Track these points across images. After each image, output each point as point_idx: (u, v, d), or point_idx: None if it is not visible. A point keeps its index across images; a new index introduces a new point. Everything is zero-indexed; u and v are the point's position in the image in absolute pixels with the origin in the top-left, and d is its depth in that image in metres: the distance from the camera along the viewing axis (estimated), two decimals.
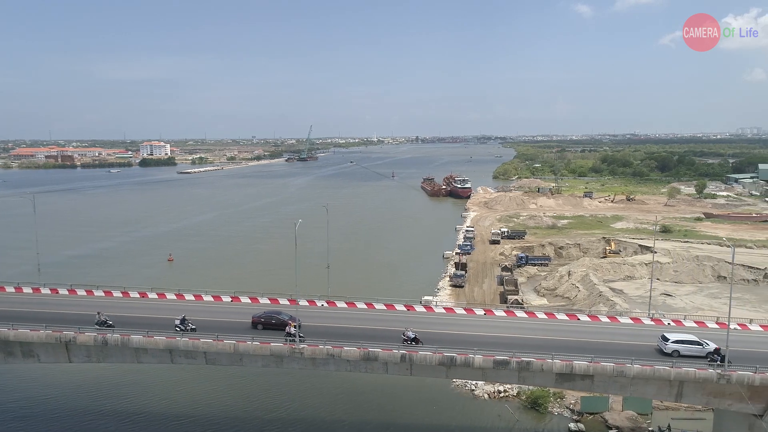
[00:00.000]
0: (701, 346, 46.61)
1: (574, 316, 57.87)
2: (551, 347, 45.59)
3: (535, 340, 48.72)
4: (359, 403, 61.96)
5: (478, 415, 60.41)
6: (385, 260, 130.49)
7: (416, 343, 45.26)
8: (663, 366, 42.42)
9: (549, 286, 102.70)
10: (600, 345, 47.49)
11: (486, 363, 42.93)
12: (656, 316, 60.52)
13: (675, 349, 46.63)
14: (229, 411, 59.66)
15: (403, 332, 46.00)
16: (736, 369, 41.89)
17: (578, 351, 45.11)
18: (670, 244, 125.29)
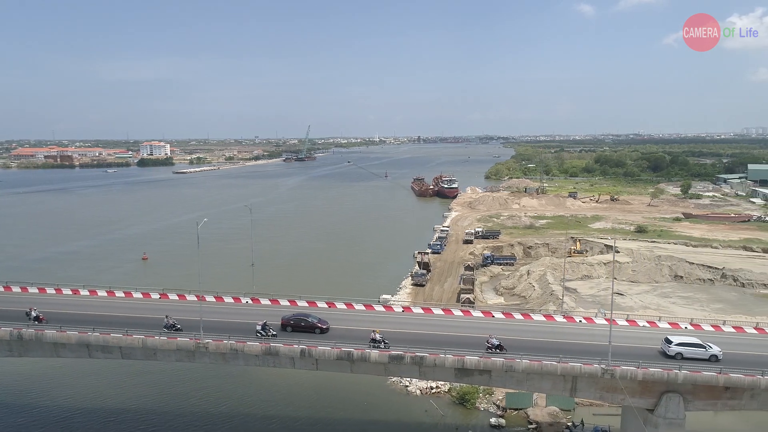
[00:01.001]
0: (704, 349, 46.62)
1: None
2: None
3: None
4: (295, 398, 63.31)
5: (407, 410, 61.72)
6: (356, 260, 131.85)
7: (501, 351, 45.40)
8: (550, 361, 43.57)
9: (508, 285, 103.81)
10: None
11: (382, 358, 44.27)
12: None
13: (678, 351, 46.45)
14: (156, 408, 61.28)
15: (487, 339, 46.30)
16: (620, 364, 43.04)
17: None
18: (636, 244, 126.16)
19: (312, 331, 50.13)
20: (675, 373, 42.33)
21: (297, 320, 51.21)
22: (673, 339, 47.72)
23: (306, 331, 49.97)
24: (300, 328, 50.27)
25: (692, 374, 42.25)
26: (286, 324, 51.17)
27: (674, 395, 43.61)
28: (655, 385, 43.92)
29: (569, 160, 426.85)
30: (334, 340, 45.95)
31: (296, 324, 50.87)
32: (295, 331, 50.16)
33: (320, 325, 50.66)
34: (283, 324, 51.16)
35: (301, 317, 51.64)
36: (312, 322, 50.91)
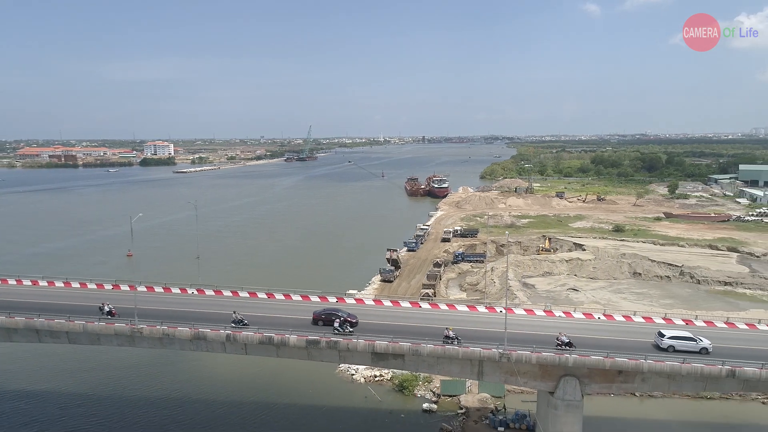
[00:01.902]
0: (695, 342, 48.36)
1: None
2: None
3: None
4: (247, 384, 67.12)
5: (349, 397, 65.34)
6: (334, 257, 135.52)
7: (570, 347, 47.13)
8: (452, 346, 47.05)
9: (473, 281, 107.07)
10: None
11: (300, 342, 47.91)
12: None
13: (670, 344, 48.32)
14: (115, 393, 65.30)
15: (557, 336, 48.36)
16: (516, 349, 46.47)
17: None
18: (603, 243, 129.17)
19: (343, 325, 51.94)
20: (566, 357, 45.69)
21: (327, 315, 52.96)
22: (666, 333, 49.70)
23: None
24: (330, 323, 51.74)
25: (581, 358, 45.57)
26: (317, 318, 53.03)
27: (571, 378, 46.94)
28: (553, 369, 47.25)
29: (566, 161, 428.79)
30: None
31: (327, 318, 52.55)
32: (326, 324, 51.76)
33: (350, 320, 52.20)
34: (315, 318, 53.04)
35: (332, 312, 53.51)
36: (342, 316, 52.40)
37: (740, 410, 61.60)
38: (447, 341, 48.07)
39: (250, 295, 59.38)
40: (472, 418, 59.30)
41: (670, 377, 46.15)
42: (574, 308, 61.71)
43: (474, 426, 57.79)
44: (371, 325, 52.68)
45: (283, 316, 54.40)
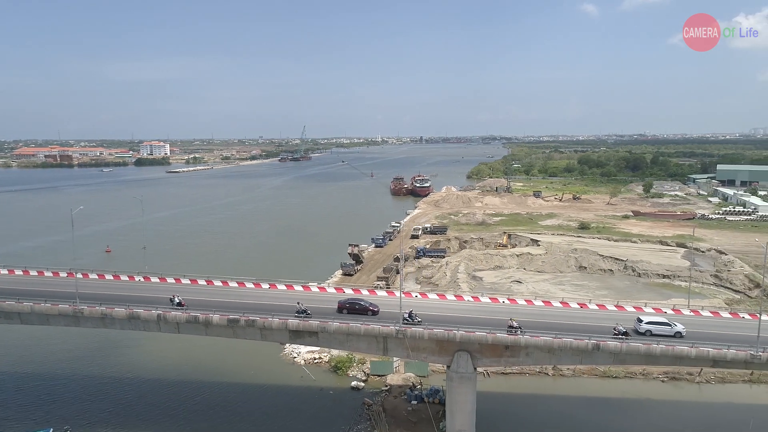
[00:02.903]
0: (670, 326, 52.46)
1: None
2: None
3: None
4: (190, 365, 72.75)
5: (287, 377, 70.96)
6: (303, 252, 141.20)
7: (626, 336, 50.39)
8: (356, 323, 52.78)
9: (428, 274, 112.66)
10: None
11: (222, 321, 53.62)
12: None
13: (648, 329, 52.38)
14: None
15: (614, 327, 51.72)
16: (411, 326, 52.18)
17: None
18: (559, 239, 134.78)
19: (365, 313, 56.40)
20: (454, 333, 51.37)
21: (351, 304, 57.62)
22: (643, 318, 54.06)
23: (360, 313, 56.27)
24: (355, 311, 56.45)
25: (467, 334, 51.21)
26: (342, 307, 57.22)
27: (464, 353, 52.58)
28: (448, 344, 52.89)
29: (556, 161, 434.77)
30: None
31: (351, 307, 57.10)
32: (350, 313, 56.25)
33: (372, 308, 56.79)
34: (340, 307, 57.18)
35: (355, 301, 58.35)
36: (364, 305, 57.16)
37: (643, 388, 67.21)
38: (511, 331, 51.63)
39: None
40: (393, 394, 65.02)
41: (550, 351, 51.78)
42: (506, 296, 67.25)
43: (393, 401, 63.48)
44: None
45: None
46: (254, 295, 62.61)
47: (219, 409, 61.76)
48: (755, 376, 67.50)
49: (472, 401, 53.48)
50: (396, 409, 61.19)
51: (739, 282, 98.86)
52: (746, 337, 50.23)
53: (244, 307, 55.81)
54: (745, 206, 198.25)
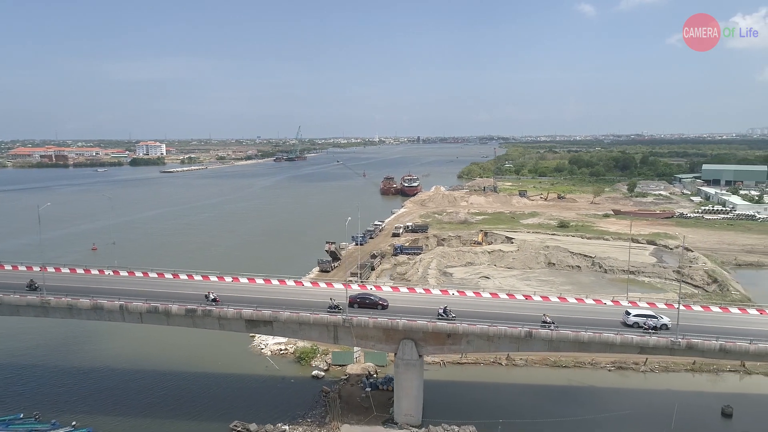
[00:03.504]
0: (656, 319, 55.11)
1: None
2: None
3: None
4: (162, 358, 75.75)
5: (253, 366, 74.03)
6: (284, 251, 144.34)
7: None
8: (306, 313, 55.95)
9: (402, 271, 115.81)
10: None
11: (180, 311, 56.74)
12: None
13: (635, 321, 54.94)
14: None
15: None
16: (357, 315, 55.36)
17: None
18: (533, 236, 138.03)
19: (375, 307, 58.62)
20: (396, 322, 54.55)
21: (362, 299, 59.79)
22: (632, 311, 56.61)
23: (370, 307, 58.43)
24: (365, 305, 58.75)
25: (409, 322, 54.39)
26: (353, 301, 59.13)
27: (409, 341, 55.74)
28: (394, 333, 56.04)
29: (548, 161, 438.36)
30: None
31: (362, 302, 59.27)
32: (361, 307, 58.50)
33: (381, 303, 59.25)
34: (351, 302, 58.88)
35: (366, 296, 60.56)
36: (375, 300, 59.58)
37: (591, 376, 70.40)
38: (544, 326, 53.34)
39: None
40: (350, 383, 68.07)
41: (489, 339, 55.00)
42: (464, 289, 70.43)
43: (350, 388, 66.59)
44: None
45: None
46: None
47: (184, 397, 64.82)
48: (697, 365, 70.72)
49: (417, 387, 56.62)
50: (351, 396, 64.31)
51: (699, 277, 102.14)
52: (691, 327, 54.19)
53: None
54: (724, 205, 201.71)
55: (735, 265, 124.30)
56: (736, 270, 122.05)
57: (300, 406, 62.83)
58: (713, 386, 67.55)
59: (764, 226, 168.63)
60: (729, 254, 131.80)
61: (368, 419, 58.64)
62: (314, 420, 59.11)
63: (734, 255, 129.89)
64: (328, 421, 58.13)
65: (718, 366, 70.65)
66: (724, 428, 57.47)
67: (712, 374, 70.13)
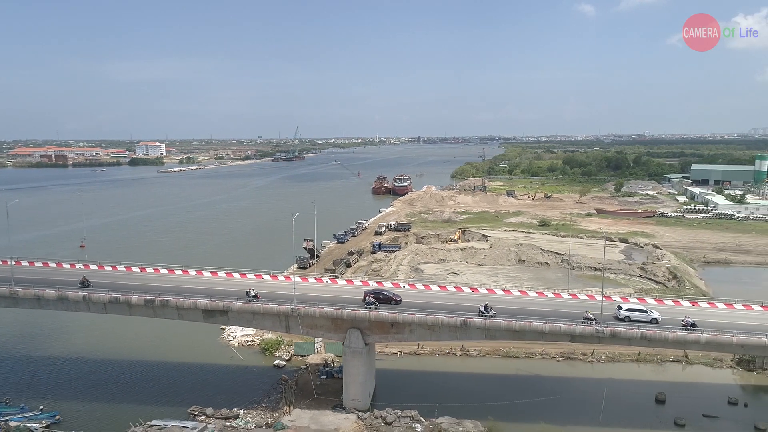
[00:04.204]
0: (647, 313, 57.52)
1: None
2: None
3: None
4: (133, 349, 79.15)
5: (219, 356, 77.34)
6: (269, 247, 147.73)
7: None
8: (256, 303, 59.27)
9: (377, 267, 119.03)
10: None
11: (140, 301, 60.12)
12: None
13: (627, 315, 57.35)
14: None
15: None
16: (304, 305, 58.68)
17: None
18: (509, 234, 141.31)
19: (389, 302, 61.01)
20: (341, 311, 57.87)
21: (376, 294, 62.19)
22: (623, 306, 59.27)
23: (384, 303, 60.73)
24: (380, 300, 60.95)
25: (353, 312, 57.72)
26: (366, 296, 61.60)
27: (355, 330, 59.04)
28: (341, 322, 59.35)
29: (541, 161, 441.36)
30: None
31: (376, 297, 61.45)
32: (376, 302, 60.79)
33: (395, 298, 61.61)
34: (365, 296, 61.50)
35: (380, 292, 63.08)
36: (388, 295, 62.09)
37: (541, 366, 73.53)
38: (587, 323, 55.51)
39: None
40: (309, 372, 71.42)
41: (430, 328, 58.26)
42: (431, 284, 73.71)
43: (307, 377, 69.85)
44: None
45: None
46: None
47: (149, 384, 68.11)
48: (642, 355, 73.89)
49: (363, 373, 59.92)
50: (307, 384, 67.60)
51: (661, 274, 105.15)
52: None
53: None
54: (707, 205, 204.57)
55: (704, 263, 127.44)
56: (704, 267, 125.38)
57: (258, 393, 66.17)
58: (655, 375, 70.59)
59: (742, 225, 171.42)
60: (700, 252, 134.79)
61: (319, 404, 61.94)
62: (269, 405, 62.43)
63: (705, 253, 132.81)
64: (281, 407, 61.43)
65: (661, 356, 73.87)
66: (653, 413, 60.49)
67: (655, 364, 73.24)
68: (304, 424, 57.19)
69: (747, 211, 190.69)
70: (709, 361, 72.90)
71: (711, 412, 60.07)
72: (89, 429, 57.60)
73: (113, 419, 59.39)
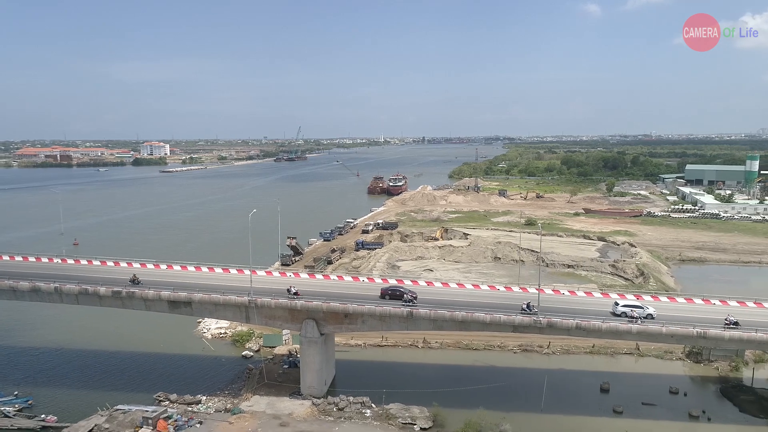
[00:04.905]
0: (642, 309, 59.76)
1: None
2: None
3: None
4: (113, 336, 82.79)
5: (191, 347, 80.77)
6: (255, 245, 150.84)
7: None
8: (216, 295, 62.59)
9: (357, 264, 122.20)
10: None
11: (107, 293, 63.51)
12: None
13: (623, 311, 59.38)
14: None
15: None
16: (262, 297, 61.96)
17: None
18: (489, 233, 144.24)
19: (403, 298, 63.05)
20: (295, 303, 61.08)
21: (393, 291, 64.84)
22: (620, 302, 61.52)
23: (399, 299, 62.58)
24: (396, 297, 63.41)
25: (306, 303, 60.94)
26: (384, 293, 64.34)
27: (310, 320, 62.17)
28: (298, 313, 62.53)
29: (541, 161, 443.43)
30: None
31: (393, 293, 64.26)
32: (392, 298, 63.26)
33: (411, 294, 63.42)
34: (382, 293, 64.25)
35: (396, 289, 65.55)
36: (403, 292, 64.34)
37: (499, 357, 76.44)
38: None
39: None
40: (274, 362, 74.76)
41: (381, 318, 61.40)
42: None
43: (272, 366, 73.15)
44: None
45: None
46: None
47: (120, 373, 71.57)
48: (596, 348, 76.68)
49: (319, 362, 63.07)
50: (270, 373, 70.81)
51: (630, 271, 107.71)
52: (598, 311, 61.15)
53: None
54: (695, 204, 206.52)
55: (679, 261, 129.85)
56: (679, 265, 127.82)
57: (223, 381, 69.53)
58: (606, 366, 73.21)
59: (725, 225, 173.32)
60: (678, 250, 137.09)
61: (279, 392, 65.15)
62: (231, 392, 65.72)
63: (681, 251, 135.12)
64: (242, 393, 64.75)
65: (615, 349, 76.59)
66: (595, 401, 63.34)
67: (608, 356, 75.98)
68: (261, 409, 60.43)
69: (734, 210, 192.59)
70: (660, 354, 75.58)
71: (651, 400, 62.87)
72: (59, 413, 61.05)
73: (83, 404, 62.72)
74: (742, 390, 65.53)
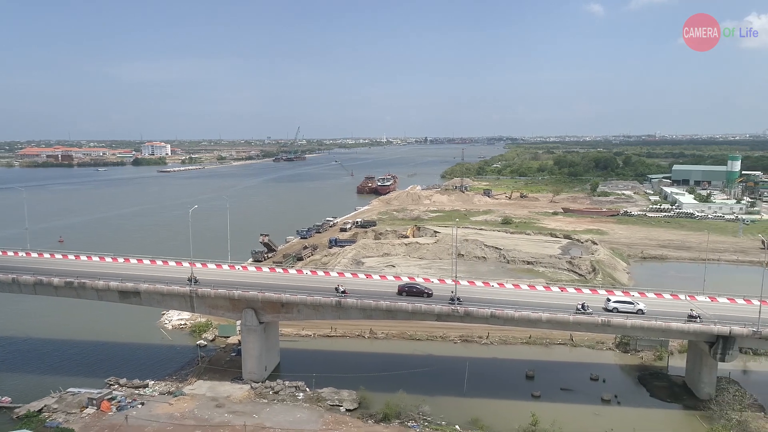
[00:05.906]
0: (633, 305, 62.51)
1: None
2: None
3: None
4: (73, 329, 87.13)
5: (150, 337, 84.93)
6: (234, 242, 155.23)
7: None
8: (161, 285, 66.84)
9: (325, 261, 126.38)
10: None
11: (60, 283, 67.83)
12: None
13: (615, 307, 62.25)
14: None
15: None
16: (202, 287, 66.19)
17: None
18: (462, 231, 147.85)
19: (421, 295, 65.87)
20: (233, 292, 65.26)
21: (410, 288, 67.29)
22: (611, 298, 64.15)
23: (417, 295, 65.64)
24: (413, 293, 66.16)
25: (243, 293, 65.09)
26: (401, 290, 66.83)
27: (250, 310, 66.32)
28: (238, 302, 66.68)
29: (535, 161, 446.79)
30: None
31: (410, 290, 66.75)
32: (409, 295, 65.79)
33: (427, 291, 66.40)
34: (399, 290, 66.84)
35: (413, 285, 67.94)
36: (421, 288, 66.91)
37: (441, 347, 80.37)
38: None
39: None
40: (225, 350, 79.05)
41: (315, 308, 65.48)
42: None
43: (222, 354, 77.46)
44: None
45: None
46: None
47: (78, 361, 75.83)
48: (532, 339, 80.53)
49: (259, 348, 67.18)
50: (218, 360, 75.10)
51: (584, 267, 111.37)
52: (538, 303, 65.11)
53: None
54: (674, 204, 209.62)
55: (641, 258, 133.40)
56: (641, 262, 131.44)
57: (173, 368, 73.78)
58: (539, 356, 77.04)
59: (698, 224, 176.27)
60: (641, 248, 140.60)
61: (223, 377, 69.32)
62: (179, 377, 69.96)
63: (644, 249, 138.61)
64: (188, 378, 68.98)
65: (550, 339, 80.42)
66: (516, 386, 67.22)
67: (542, 346, 79.82)
68: (202, 392, 64.70)
69: (710, 210, 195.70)
70: (592, 344, 79.38)
71: (573, 387, 66.72)
72: (15, 395, 65.32)
73: (37, 387, 66.91)
74: (658, 377, 69.28)
